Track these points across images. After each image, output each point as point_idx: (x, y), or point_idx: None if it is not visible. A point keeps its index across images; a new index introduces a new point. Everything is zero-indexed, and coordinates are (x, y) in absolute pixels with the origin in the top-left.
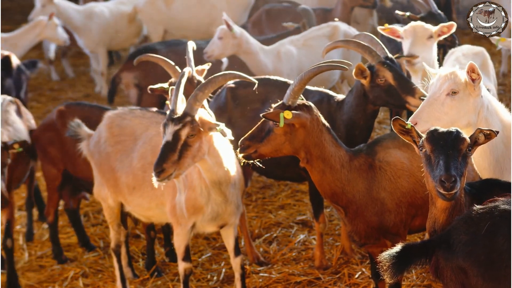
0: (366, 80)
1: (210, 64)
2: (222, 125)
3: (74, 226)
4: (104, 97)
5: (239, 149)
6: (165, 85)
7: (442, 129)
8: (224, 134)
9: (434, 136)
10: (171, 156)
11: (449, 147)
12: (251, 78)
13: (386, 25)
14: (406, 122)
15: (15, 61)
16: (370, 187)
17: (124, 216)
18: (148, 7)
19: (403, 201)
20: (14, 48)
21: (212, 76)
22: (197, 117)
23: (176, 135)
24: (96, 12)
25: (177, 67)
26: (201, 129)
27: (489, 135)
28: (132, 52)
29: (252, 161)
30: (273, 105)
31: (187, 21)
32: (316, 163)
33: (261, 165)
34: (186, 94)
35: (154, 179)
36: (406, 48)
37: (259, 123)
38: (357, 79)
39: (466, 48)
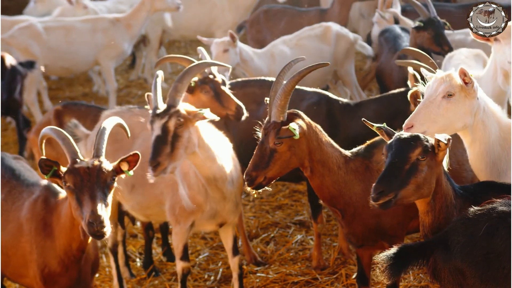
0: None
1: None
2: (206, 111)
3: None
4: (102, 96)
5: (246, 183)
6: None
7: (405, 135)
8: (208, 117)
9: (392, 143)
10: (164, 149)
11: (396, 155)
12: (225, 64)
13: None
14: (373, 124)
15: (10, 61)
16: (367, 190)
17: (122, 216)
18: None
19: None
20: (129, 29)
21: (188, 67)
22: (181, 108)
23: (164, 127)
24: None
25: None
26: (188, 118)
27: (447, 142)
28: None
29: (263, 189)
30: (262, 126)
31: (187, 21)
32: (317, 167)
33: (269, 189)
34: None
35: (149, 174)
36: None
37: (255, 150)
38: (410, 101)
39: (466, 51)
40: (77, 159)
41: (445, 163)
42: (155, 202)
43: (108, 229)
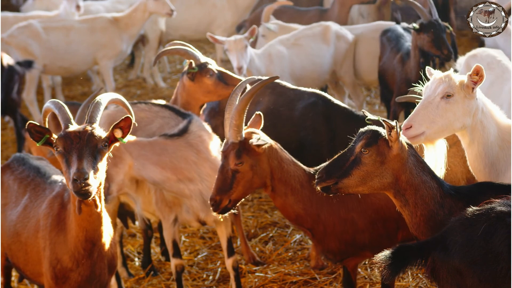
0: None
1: None
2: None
3: None
4: None
5: (212, 208)
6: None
7: (365, 128)
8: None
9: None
10: None
11: (349, 147)
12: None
13: None
14: (367, 115)
15: (7, 60)
16: (337, 208)
17: (124, 215)
18: None
19: (377, 218)
20: (127, 28)
21: (93, 102)
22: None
23: None
24: (92, 11)
25: (196, 54)
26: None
27: (393, 129)
28: None
29: (229, 212)
30: (221, 148)
31: (186, 21)
32: (278, 186)
33: (236, 212)
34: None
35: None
36: None
37: (217, 175)
38: None
39: (492, 50)
40: (70, 125)
41: (443, 163)
42: (147, 199)
43: (94, 189)
